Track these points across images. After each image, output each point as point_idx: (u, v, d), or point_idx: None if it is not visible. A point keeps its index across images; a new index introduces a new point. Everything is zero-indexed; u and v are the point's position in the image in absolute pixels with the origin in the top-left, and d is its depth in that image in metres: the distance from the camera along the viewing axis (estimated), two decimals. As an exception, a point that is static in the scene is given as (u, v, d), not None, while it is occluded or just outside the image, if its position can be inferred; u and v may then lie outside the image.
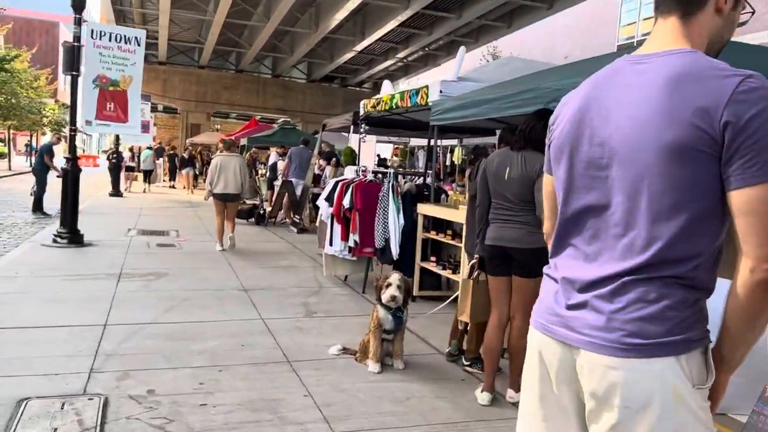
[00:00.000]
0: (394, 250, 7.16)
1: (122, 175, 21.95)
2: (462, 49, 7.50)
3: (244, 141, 22.46)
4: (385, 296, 4.79)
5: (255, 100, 35.86)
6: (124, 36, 10.87)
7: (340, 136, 24.46)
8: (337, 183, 7.58)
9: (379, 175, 7.69)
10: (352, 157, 9.95)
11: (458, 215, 6.25)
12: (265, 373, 4.72)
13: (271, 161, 17.50)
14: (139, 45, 10.94)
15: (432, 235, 7.08)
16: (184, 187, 25.17)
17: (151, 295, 7.02)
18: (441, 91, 7.19)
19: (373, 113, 9.63)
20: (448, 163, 16.17)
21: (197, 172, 25.96)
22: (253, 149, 20.97)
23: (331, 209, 7.53)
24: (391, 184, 7.27)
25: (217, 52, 33.87)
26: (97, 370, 4.58)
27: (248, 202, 14.56)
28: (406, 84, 20.07)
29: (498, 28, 27.07)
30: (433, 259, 7.03)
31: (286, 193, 14.26)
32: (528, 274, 4.24)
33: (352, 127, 10.75)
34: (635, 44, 30.02)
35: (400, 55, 31.12)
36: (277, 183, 15.33)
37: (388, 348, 5.00)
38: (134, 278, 7.80)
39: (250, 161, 20.62)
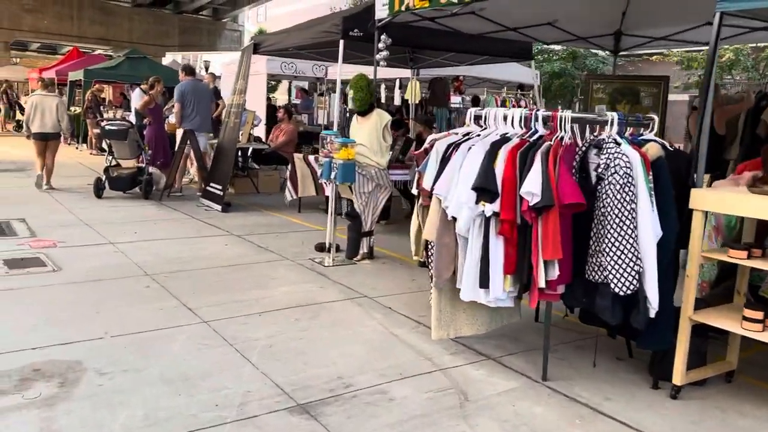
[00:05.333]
0: (654, 301, 3.10)
1: None
2: None
3: (77, 76, 16.22)
4: None
5: (68, 28, 27.96)
6: None
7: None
8: (495, 148, 3.24)
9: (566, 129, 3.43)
10: (369, 93, 5.50)
11: None
12: None
13: (134, 102, 11.98)
14: None
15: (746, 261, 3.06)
16: None
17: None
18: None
19: (420, 10, 5.27)
20: (397, 102, 11.88)
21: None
22: (96, 86, 14.87)
23: (493, 207, 3.21)
24: (634, 151, 3.13)
25: (13, -37, 25.67)
26: None
27: (126, 165, 9.25)
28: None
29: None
30: (752, 315, 3.02)
31: (186, 149, 9.23)
32: None
33: (342, 43, 6.20)
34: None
35: (253, -24, 25.51)
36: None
37: None
38: (4, 396, 2.97)
39: (91, 103, 14.72)
